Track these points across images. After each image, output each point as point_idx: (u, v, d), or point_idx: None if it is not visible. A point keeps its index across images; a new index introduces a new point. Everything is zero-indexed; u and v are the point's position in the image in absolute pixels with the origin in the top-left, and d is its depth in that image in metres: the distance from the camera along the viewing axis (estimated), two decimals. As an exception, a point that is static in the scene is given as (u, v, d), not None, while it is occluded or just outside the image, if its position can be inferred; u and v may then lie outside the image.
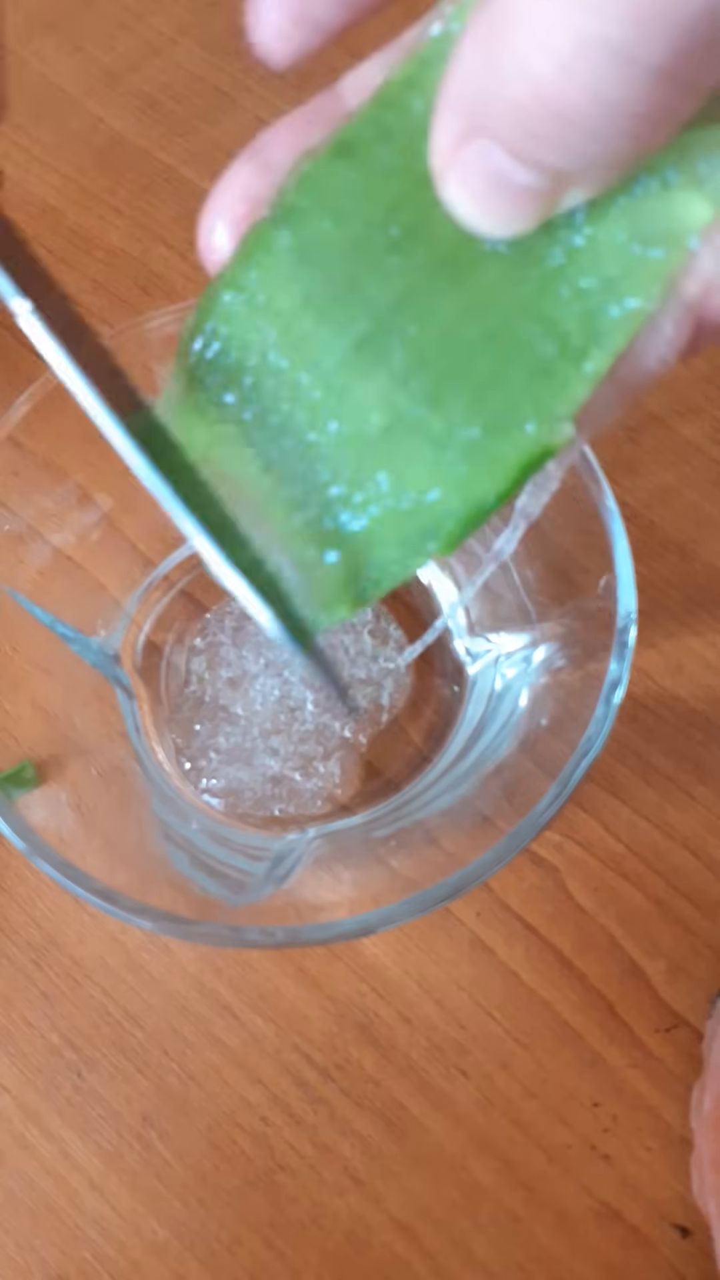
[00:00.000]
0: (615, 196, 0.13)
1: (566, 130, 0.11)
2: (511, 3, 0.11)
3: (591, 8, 0.10)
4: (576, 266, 0.14)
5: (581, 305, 0.14)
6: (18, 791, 0.23)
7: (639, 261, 0.14)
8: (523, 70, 0.11)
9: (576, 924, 0.29)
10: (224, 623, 0.31)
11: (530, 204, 0.13)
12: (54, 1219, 0.27)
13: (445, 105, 0.13)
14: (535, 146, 0.12)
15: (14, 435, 0.25)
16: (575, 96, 0.11)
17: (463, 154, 0.13)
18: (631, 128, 0.11)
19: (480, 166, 0.12)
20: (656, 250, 0.13)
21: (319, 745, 0.30)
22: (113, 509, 0.29)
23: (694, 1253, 0.26)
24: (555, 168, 0.12)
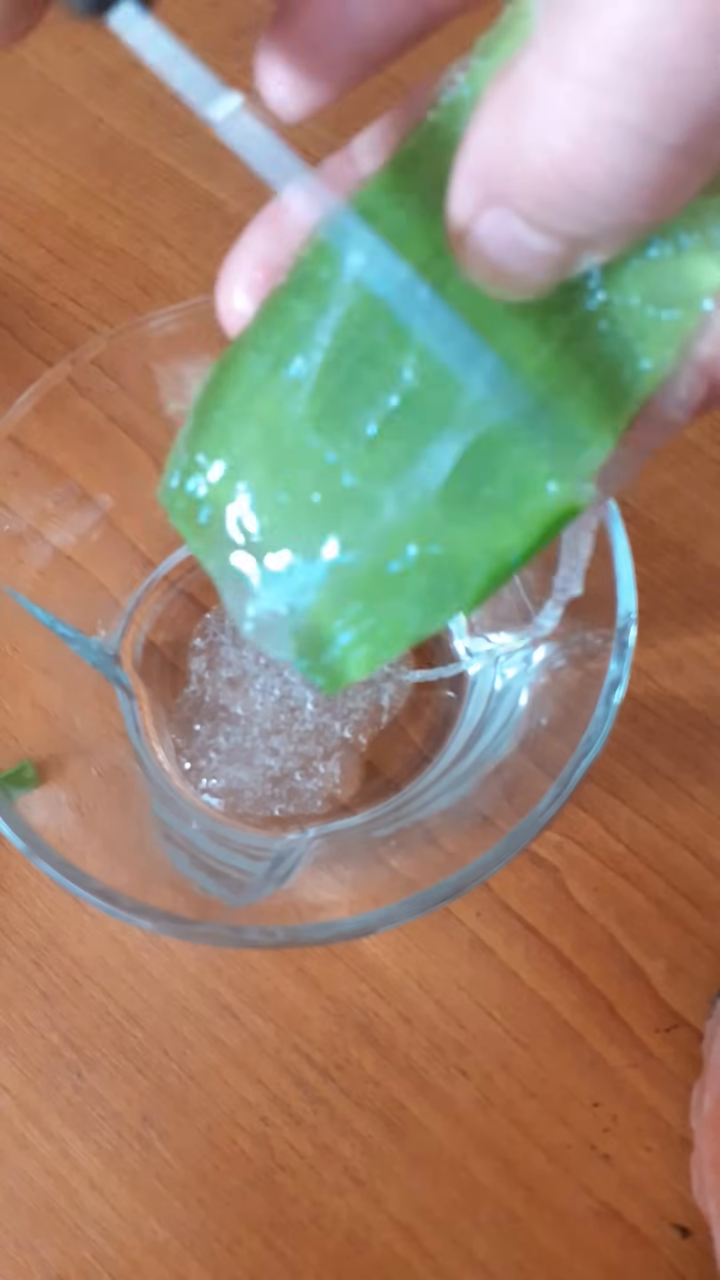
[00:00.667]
0: (629, 260, 0.14)
1: (582, 202, 0.12)
2: (531, 80, 0.11)
3: (611, 91, 0.10)
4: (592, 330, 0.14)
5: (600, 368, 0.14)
6: (18, 791, 0.23)
7: (653, 324, 0.14)
8: (542, 145, 0.11)
9: (576, 924, 0.29)
10: (224, 623, 0.31)
11: (545, 267, 0.13)
12: (54, 1219, 0.27)
13: (463, 174, 0.13)
14: (551, 216, 0.12)
15: (14, 435, 0.25)
16: (592, 171, 0.11)
17: (479, 221, 0.13)
18: (646, 199, 0.11)
19: (497, 233, 0.13)
20: (671, 313, 0.14)
21: (319, 745, 0.30)
22: (113, 509, 0.29)
23: (694, 1253, 0.26)
24: (570, 234, 0.12)
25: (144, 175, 0.39)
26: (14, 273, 0.38)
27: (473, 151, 0.13)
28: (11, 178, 0.40)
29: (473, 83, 0.14)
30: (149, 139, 0.40)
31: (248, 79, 0.43)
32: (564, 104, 0.11)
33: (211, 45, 0.41)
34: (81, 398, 0.26)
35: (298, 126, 0.16)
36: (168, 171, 0.39)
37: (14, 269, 0.38)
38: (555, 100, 0.11)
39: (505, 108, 0.12)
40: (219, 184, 0.39)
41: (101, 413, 0.27)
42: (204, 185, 0.39)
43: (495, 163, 0.12)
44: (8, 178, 0.40)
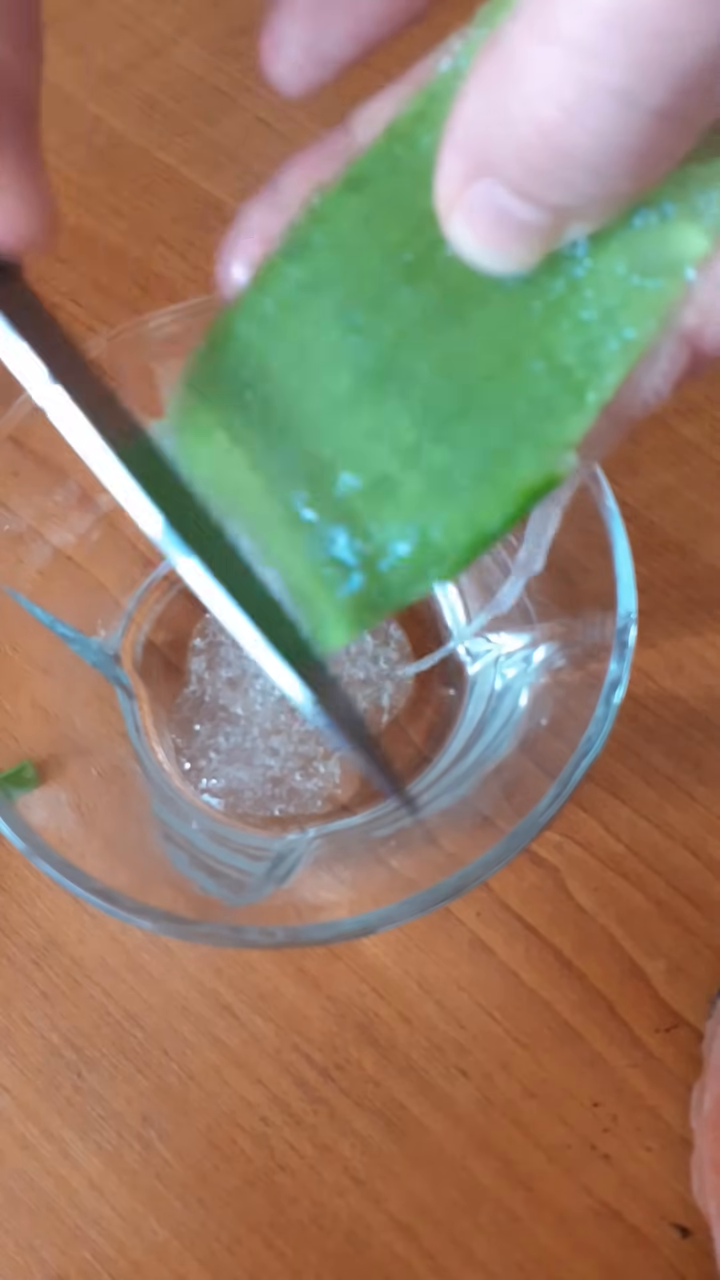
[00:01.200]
0: (615, 230, 0.14)
1: (570, 169, 0.12)
2: (518, 50, 0.11)
3: (595, 56, 0.10)
4: (578, 298, 0.14)
5: (582, 337, 0.14)
6: (18, 791, 0.23)
7: (638, 292, 0.14)
8: (529, 113, 0.11)
9: (576, 924, 0.29)
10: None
11: (532, 238, 0.13)
12: (54, 1219, 0.27)
13: (450, 146, 0.13)
14: (539, 184, 0.12)
15: (14, 435, 0.25)
16: (579, 137, 0.11)
17: (468, 193, 0.13)
18: (632, 165, 0.12)
19: (484, 204, 0.13)
20: (655, 281, 0.14)
21: (319, 745, 0.30)
22: (113, 509, 0.29)
23: (694, 1253, 0.26)
24: (557, 204, 0.12)
25: (144, 175, 0.39)
26: (14, 273, 0.38)
27: (460, 124, 0.13)
28: (11, 178, 0.40)
29: (469, 52, 0.14)
30: (149, 139, 0.40)
31: (248, 79, 0.43)
32: (550, 70, 0.11)
33: (211, 45, 0.41)
34: (81, 398, 0.26)
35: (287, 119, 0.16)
36: (168, 171, 0.39)
37: (14, 269, 0.38)
38: (541, 67, 0.11)
39: (491, 77, 0.12)
40: (219, 184, 0.39)
41: (101, 413, 0.27)
42: (204, 185, 0.39)
43: (482, 134, 0.12)
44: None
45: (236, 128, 0.40)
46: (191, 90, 0.41)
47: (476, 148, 0.13)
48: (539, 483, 0.15)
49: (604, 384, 0.14)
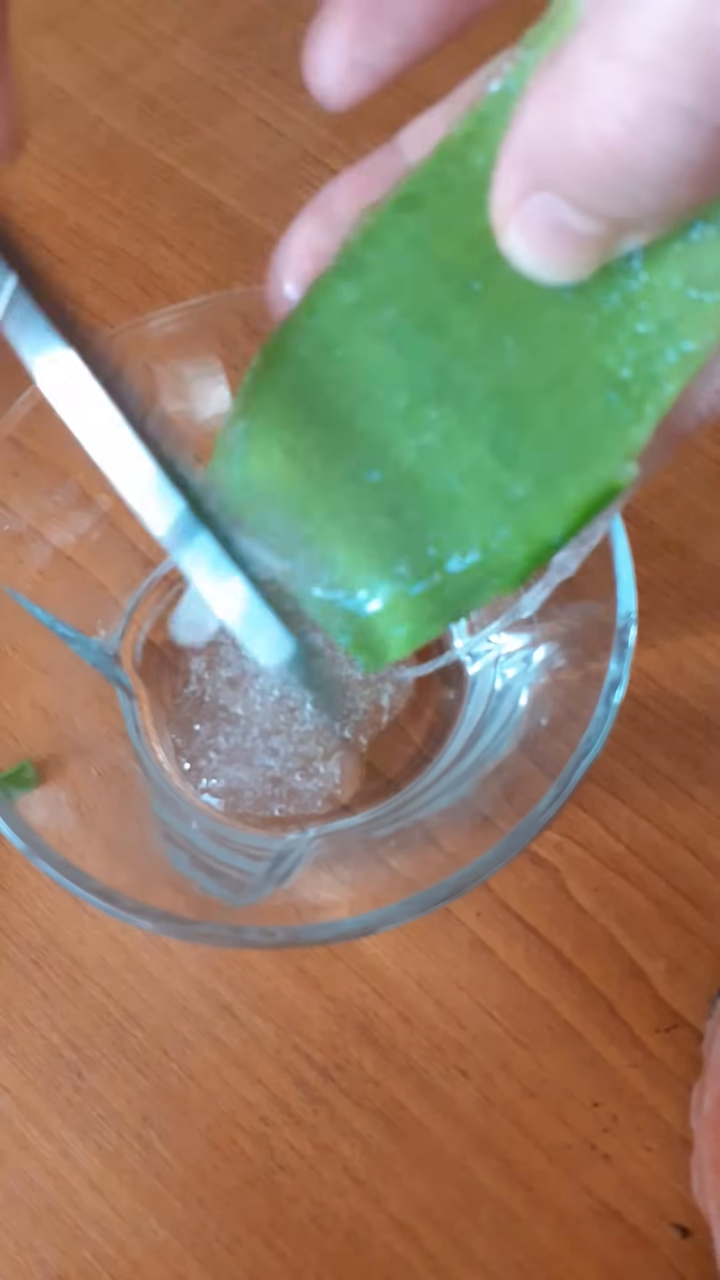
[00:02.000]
0: (672, 242, 0.14)
1: (631, 183, 0.12)
2: (581, 66, 0.11)
3: (660, 73, 0.11)
4: (634, 311, 0.14)
5: (639, 350, 0.14)
6: (18, 791, 0.23)
7: (695, 306, 0.14)
8: (591, 127, 0.11)
9: (576, 924, 0.29)
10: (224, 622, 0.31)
11: (589, 250, 0.13)
12: (54, 1219, 0.27)
13: (509, 160, 0.13)
14: (598, 198, 0.12)
15: (14, 435, 0.25)
16: (642, 152, 0.11)
17: (525, 205, 0.13)
18: (693, 178, 0.12)
19: (541, 216, 0.13)
20: (712, 294, 0.14)
21: (319, 746, 0.30)
22: (113, 509, 0.29)
23: (694, 1253, 0.26)
24: (616, 217, 0.13)
25: (144, 175, 0.39)
26: (14, 273, 0.38)
27: (519, 137, 0.13)
28: (11, 178, 0.40)
29: (519, 74, 0.14)
30: (149, 139, 0.40)
31: (248, 79, 0.43)
32: (614, 86, 0.11)
33: (211, 45, 0.41)
34: (81, 398, 0.26)
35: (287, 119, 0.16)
36: (168, 171, 0.39)
37: (14, 269, 0.38)
38: (605, 82, 0.11)
39: (553, 93, 0.12)
40: (219, 184, 0.39)
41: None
42: (204, 185, 0.39)
43: (542, 147, 0.12)
44: (8, 178, 0.40)
45: (236, 128, 0.40)
46: (191, 90, 0.41)
47: (535, 161, 0.13)
48: (599, 494, 0.15)
49: (662, 396, 0.14)
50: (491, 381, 0.15)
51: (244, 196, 0.39)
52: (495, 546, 0.15)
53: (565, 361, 0.15)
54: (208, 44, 0.42)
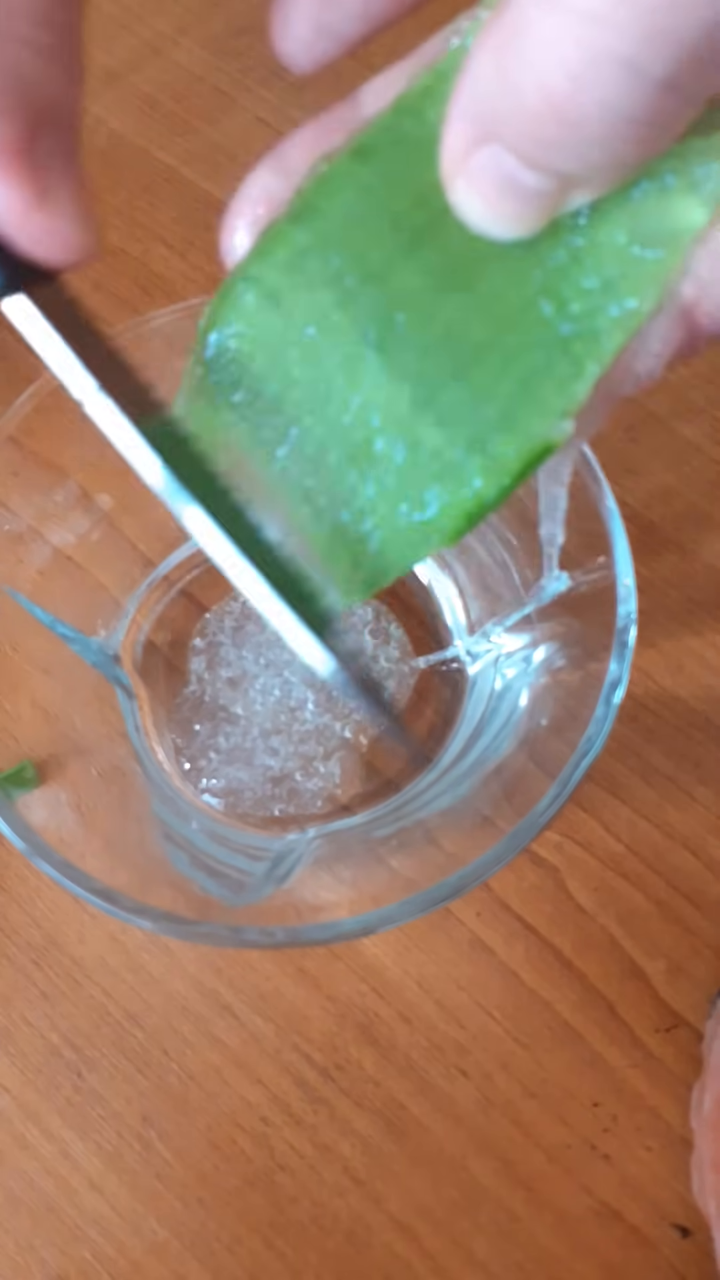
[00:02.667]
0: (616, 199, 0.14)
1: (575, 136, 0.12)
2: (525, 18, 0.11)
3: (603, 23, 0.11)
4: (578, 267, 0.14)
5: (582, 305, 0.14)
6: (18, 791, 0.23)
7: (637, 263, 0.14)
8: (536, 80, 0.11)
9: (576, 924, 0.29)
10: (224, 622, 0.31)
11: (537, 205, 0.13)
12: (54, 1219, 0.27)
13: (457, 113, 0.13)
14: (544, 152, 0.12)
15: (14, 435, 0.25)
16: (585, 105, 0.11)
17: (473, 159, 0.13)
18: (637, 133, 0.12)
19: (490, 170, 0.13)
20: (654, 251, 0.14)
21: (319, 745, 0.30)
22: (113, 509, 0.29)
23: (694, 1253, 0.26)
24: (563, 171, 0.13)
25: (144, 175, 0.39)
26: (14, 273, 0.38)
27: (466, 90, 0.13)
28: (11, 178, 0.40)
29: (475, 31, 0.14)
30: (149, 139, 0.40)
31: (248, 79, 0.43)
32: (558, 37, 0.11)
33: (211, 45, 0.41)
34: (82, 398, 0.26)
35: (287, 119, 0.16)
36: (168, 171, 0.39)
37: (14, 269, 0.38)
38: (550, 34, 0.11)
39: (499, 45, 0.12)
40: (219, 184, 0.39)
41: (101, 413, 0.27)
42: (204, 185, 0.39)
43: (489, 101, 0.12)
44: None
45: (236, 128, 0.40)
46: (191, 90, 0.41)
47: (483, 115, 0.13)
48: (536, 450, 0.15)
49: (602, 352, 0.14)
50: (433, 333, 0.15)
51: (244, 196, 0.38)
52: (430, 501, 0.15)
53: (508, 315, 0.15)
54: (208, 44, 0.42)
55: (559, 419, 0.15)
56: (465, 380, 0.15)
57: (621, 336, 0.14)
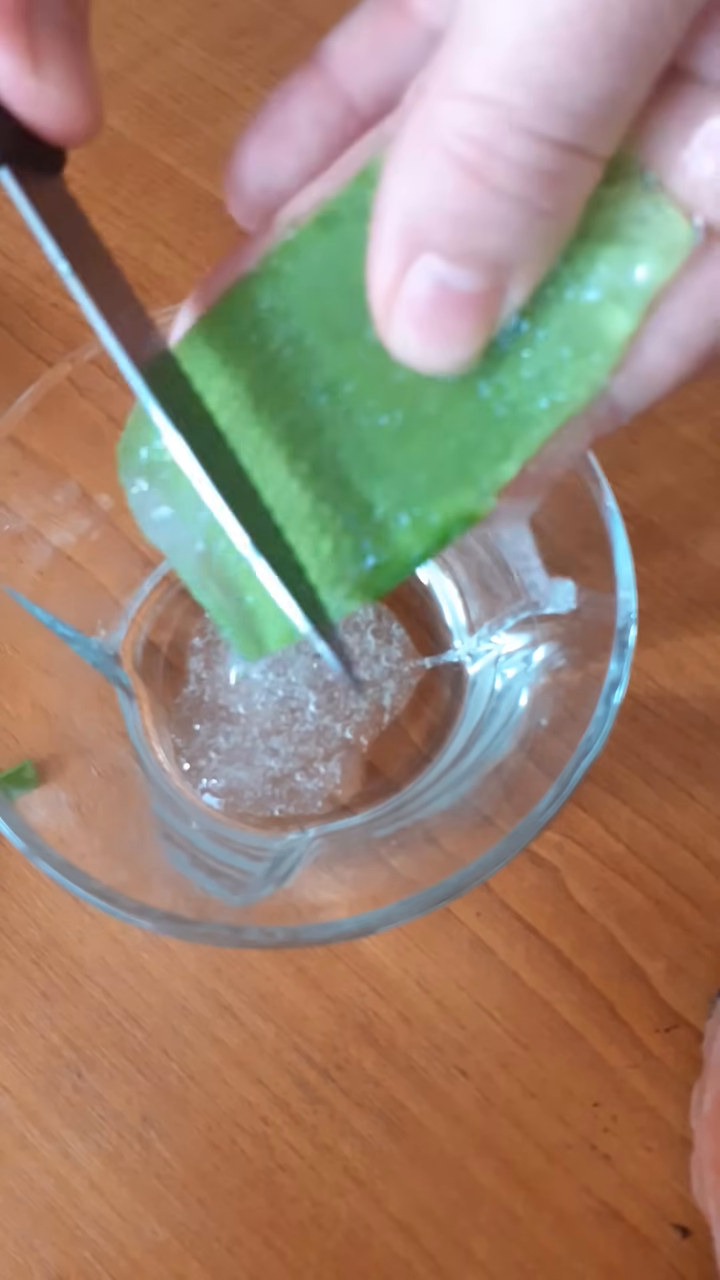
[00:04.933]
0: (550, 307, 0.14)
1: (497, 201, 0.12)
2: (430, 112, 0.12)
3: (500, 103, 0.12)
4: (516, 359, 0.15)
5: (518, 393, 0.15)
6: (18, 791, 0.23)
7: (570, 362, 0.15)
8: (450, 158, 0.12)
9: (576, 924, 0.29)
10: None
11: (475, 314, 0.14)
12: (54, 1219, 0.27)
13: (378, 243, 0.13)
14: (471, 233, 0.13)
15: (14, 435, 0.25)
16: (499, 167, 0.12)
17: (406, 282, 0.13)
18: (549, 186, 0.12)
19: (422, 286, 0.13)
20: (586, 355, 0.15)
21: (319, 746, 0.30)
22: (113, 509, 0.29)
23: (694, 1253, 0.26)
24: (493, 254, 0.13)
25: (144, 175, 0.39)
26: (14, 273, 0.38)
27: (385, 212, 0.13)
28: (11, 178, 0.40)
29: None
30: (149, 139, 0.40)
31: (248, 79, 0.43)
32: (460, 118, 0.12)
33: (211, 45, 0.41)
34: (81, 398, 0.26)
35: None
36: (168, 171, 0.39)
37: (14, 269, 0.38)
38: (454, 115, 0.12)
39: (410, 147, 0.13)
40: (219, 184, 0.39)
41: (101, 413, 0.27)
42: (204, 185, 0.39)
43: (408, 203, 0.13)
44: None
45: (236, 128, 0.40)
46: (191, 90, 0.41)
47: (406, 225, 0.13)
48: (457, 519, 0.16)
49: (530, 438, 0.15)
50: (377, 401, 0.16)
51: (244, 196, 0.38)
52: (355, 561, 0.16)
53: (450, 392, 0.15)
54: (208, 44, 0.42)
55: (484, 494, 0.15)
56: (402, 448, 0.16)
57: (551, 425, 0.15)
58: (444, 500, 0.16)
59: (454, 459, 0.15)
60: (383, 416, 0.16)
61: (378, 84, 0.16)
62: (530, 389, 0.15)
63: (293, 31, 0.41)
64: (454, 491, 0.15)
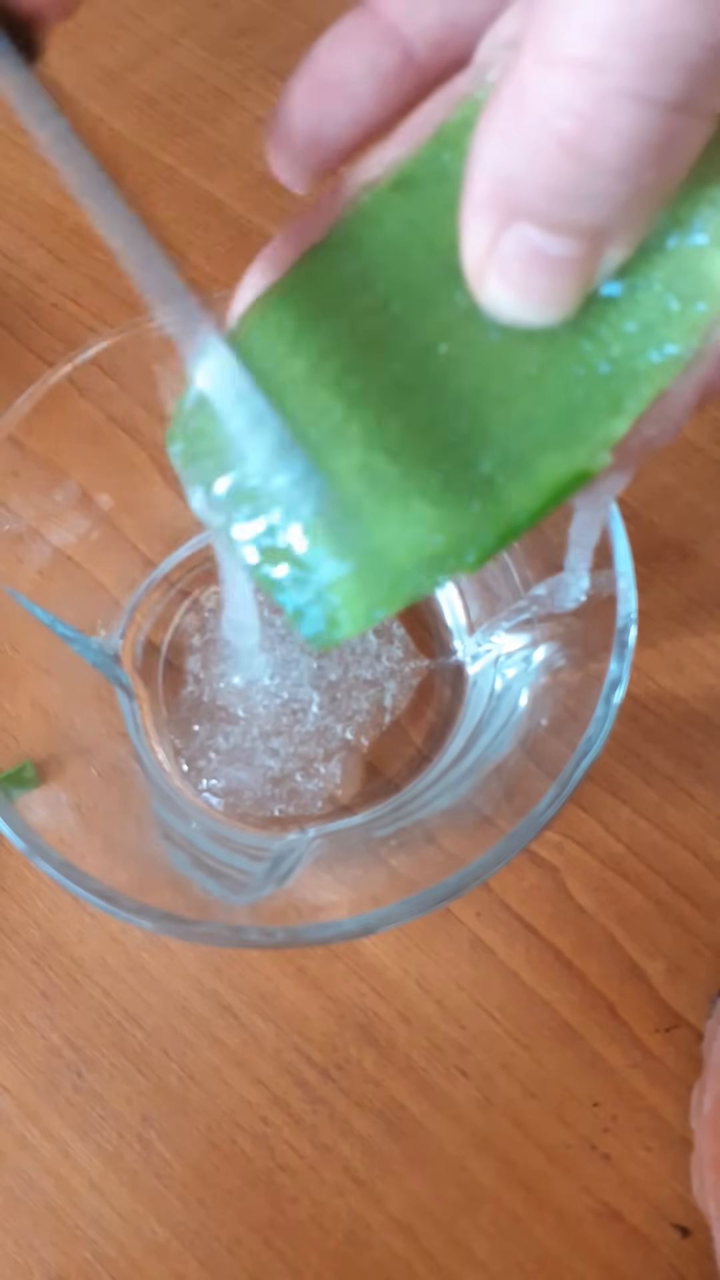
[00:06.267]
0: (650, 256, 0.14)
1: (598, 177, 0.12)
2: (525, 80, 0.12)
3: (604, 69, 0.11)
4: (618, 312, 0.14)
5: (622, 348, 0.15)
6: (18, 791, 0.23)
7: (676, 313, 0.14)
8: (549, 132, 0.12)
9: (576, 924, 0.29)
10: (221, 619, 0.31)
11: (571, 277, 0.13)
12: (54, 1219, 0.27)
13: (472, 207, 0.13)
14: (569, 206, 0.12)
15: (14, 435, 0.25)
16: (602, 140, 0.11)
17: (500, 246, 0.13)
18: (655, 157, 0.12)
19: (517, 251, 0.13)
20: (692, 303, 0.14)
21: (319, 746, 0.30)
22: (113, 509, 0.29)
23: (694, 1253, 0.26)
24: (590, 224, 0.13)
25: (144, 175, 0.39)
26: (14, 273, 0.38)
27: (478, 176, 0.13)
28: (11, 177, 0.40)
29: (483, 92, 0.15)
30: (149, 139, 0.40)
31: (248, 79, 0.43)
32: (563, 88, 0.11)
33: (211, 45, 0.41)
34: (81, 398, 0.26)
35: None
36: (168, 171, 0.39)
37: (14, 269, 0.38)
38: (554, 88, 0.11)
39: (504, 115, 0.12)
40: (219, 184, 0.39)
41: (101, 413, 0.27)
42: (204, 185, 0.39)
43: (504, 172, 0.12)
44: (8, 177, 0.40)
45: (236, 128, 0.40)
46: (191, 90, 0.41)
47: (501, 190, 0.13)
48: (569, 477, 0.15)
49: (640, 393, 0.14)
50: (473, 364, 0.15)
51: (244, 196, 0.39)
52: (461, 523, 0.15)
53: (551, 351, 0.15)
54: (208, 44, 0.42)
55: (597, 450, 0.15)
56: (506, 408, 0.15)
57: (662, 379, 0.14)
58: (555, 456, 0.15)
59: (562, 418, 0.15)
60: (480, 379, 0.15)
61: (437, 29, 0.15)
62: (636, 343, 0.14)
63: (293, 31, 0.41)
64: (566, 447, 0.15)
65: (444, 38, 0.15)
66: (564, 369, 0.15)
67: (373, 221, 0.16)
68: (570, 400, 0.15)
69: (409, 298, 0.15)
